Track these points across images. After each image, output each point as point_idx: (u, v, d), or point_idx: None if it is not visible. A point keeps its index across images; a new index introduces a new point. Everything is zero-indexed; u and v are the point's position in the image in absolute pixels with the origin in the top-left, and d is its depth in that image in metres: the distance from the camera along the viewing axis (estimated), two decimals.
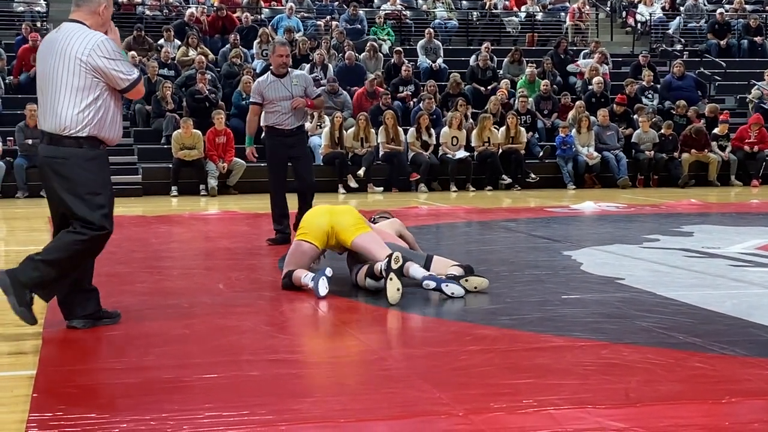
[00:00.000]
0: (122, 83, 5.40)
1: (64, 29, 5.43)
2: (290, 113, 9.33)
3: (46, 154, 5.40)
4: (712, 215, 13.16)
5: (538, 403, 4.06)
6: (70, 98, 5.31)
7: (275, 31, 21.27)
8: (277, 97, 9.30)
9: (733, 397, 4.18)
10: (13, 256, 9.55)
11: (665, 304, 6.35)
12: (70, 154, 5.33)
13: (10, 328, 5.78)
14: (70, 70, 5.29)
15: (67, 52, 5.30)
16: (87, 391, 4.34)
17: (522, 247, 9.58)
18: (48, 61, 5.38)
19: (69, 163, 5.32)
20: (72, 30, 5.39)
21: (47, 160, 5.39)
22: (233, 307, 6.26)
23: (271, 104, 9.33)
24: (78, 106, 5.31)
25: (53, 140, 5.36)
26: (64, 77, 5.31)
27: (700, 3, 24.97)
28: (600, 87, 19.71)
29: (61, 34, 5.41)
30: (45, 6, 21.82)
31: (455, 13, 23.94)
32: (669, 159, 18.38)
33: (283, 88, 9.31)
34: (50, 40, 5.46)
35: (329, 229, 6.75)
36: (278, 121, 9.35)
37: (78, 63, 5.28)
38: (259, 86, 9.44)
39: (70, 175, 5.32)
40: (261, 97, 9.38)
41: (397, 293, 6.26)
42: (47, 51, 5.41)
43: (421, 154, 17.31)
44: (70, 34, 5.37)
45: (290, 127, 9.38)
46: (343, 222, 6.76)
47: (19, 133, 16.25)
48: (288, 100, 9.29)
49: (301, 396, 4.22)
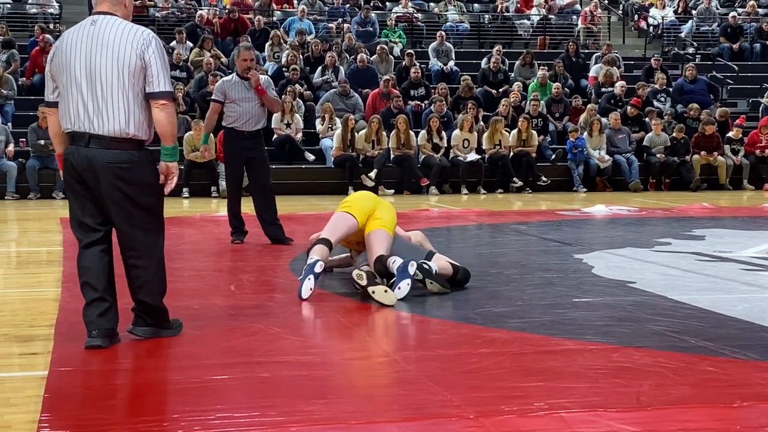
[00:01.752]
0: (159, 85, 5.02)
1: (103, 22, 5.05)
2: (250, 116, 9.47)
3: (108, 159, 5.01)
4: (724, 219, 13.12)
5: (549, 407, 4.06)
6: (130, 97, 5.01)
7: (287, 33, 21.30)
8: (240, 98, 9.44)
9: (745, 401, 4.17)
10: (25, 256, 9.59)
11: (677, 307, 6.34)
12: (136, 158, 5.07)
13: (22, 328, 5.80)
14: (121, 67, 4.96)
15: (119, 47, 4.97)
16: (98, 392, 4.35)
17: (533, 250, 9.57)
18: (94, 55, 4.99)
19: (134, 168, 5.05)
20: (114, 22, 5.05)
21: (108, 165, 5.01)
22: (244, 309, 6.26)
23: (233, 104, 9.46)
24: (138, 106, 5.04)
25: (114, 144, 5.02)
26: (119, 74, 4.98)
27: (713, 6, 24.90)
28: (623, 90, 19.68)
29: (101, 27, 5.03)
30: (58, 8, 21.89)
31: (467, 16, 23.92)
32: (681, 162, 18.34)
33: (245, 89, 9.46)
34: (87, 33, 5.04)
35: (371, 212, 6.89)
36: (238, 123, 9.48)
37: (131, 59, 4.96)
38: (224, 85, 9.59)
39: (135, 180, 5.05)
40: (224, 96, 9.52)
41: (388, 295, 6.33)
42: (89, 45, 5.00)
43: (432, 157, 17.30)
44: (114, 26, 5.03)
45: (249, 129, 9.52)
46: (379, 213, 6.90)
47: (31, 134, 16.30)
48: (250, 102, 9.45)
49: (312, 397, 4.22)
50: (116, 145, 5.03)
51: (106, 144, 5.02)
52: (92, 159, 5.03)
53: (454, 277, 6.89)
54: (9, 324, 5.95)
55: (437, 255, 7.09)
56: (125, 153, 5.03)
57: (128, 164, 5.03)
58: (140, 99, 5.05)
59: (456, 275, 6.93)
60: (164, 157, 5.16)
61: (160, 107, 5.05)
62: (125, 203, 5.07)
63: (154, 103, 5.05)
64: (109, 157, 5.02)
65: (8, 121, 17.18)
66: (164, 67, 5.06)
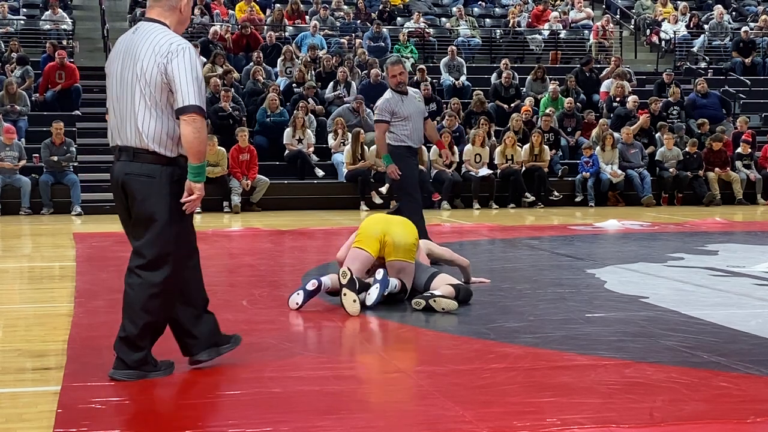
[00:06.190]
0: (184, 100, 4.71)
1: (141, 30, 4.88)
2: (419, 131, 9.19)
3: (128, 171, 4.82)
4: (737, 234, 13.09)
5: (562, 422, 4.05)
6: (156, 110, 4.76)
7: (299, 48, 21.35)
8: (410, 113, 9.06)
9: (759, 416, 4.15)
10: (38, 271, 9.62)
11: (690, 323, 6.32)
12: (157, 173, 4.80)
13: (35, 343, 5.81)
14: (153, 78, 4.73)
15: (151, 58, 4.74)
16: (111, 407, 4.36)
17: (545, 265, 9.55)
18: (125, 65, 4.82)
19: (154, 183, 4.79)
20: (151, 30, 4.83)
21: (126, 177, 4.83)
22: (256, 324, 6.27)
23: (405, 121, 9.06)
24: (166, 119, 4.78)
25: (138, 156, 4.80)
26: (147, 86, 4.75)
27: (725, 21, 24.88)
28: (635, 104, 19.67)
29: (138, 36, 4.86)
30: (71, 24, 21.99)
31: (478, 31, 23.95)
32: (694, 177, 18.30)
33: (412, 103, 9.11)
34: (126, 42, 4.90)
35: (381, 237, 6.86)
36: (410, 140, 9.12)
37: (159, 71, 4.71)
38: (389, 104, 9.07)
39: (154, 194, 4.79)
40: (391, 115, 9.06)
41: (355, 305, 6.51)
42: (124, 54, 4.85)
43: (443, 172, 17.31)
44: (148, 35, 4.81)
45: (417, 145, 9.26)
46: (396, 235, 6.87)
47: (44, 149, 16.37)
48: (419, 116, 9.15)
49: (324, 413, 4.22)
50: (139, 158, 4.81)
51: (130, 156, 4.84)
52: (118, 171, 4.89)
53: (456, 298, 6.87)
54: (22, 339, 5.96)
55: (439, 276, 7.06)
56: (145, 166, 4.80)
57: (146, 177, 4.80)
58: (166, 113, 4.78)
59: (457, 296, 6.90)
60: (189, 175, 4.83)
61: (183, 122, 4.73)
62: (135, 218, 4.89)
63: (180, 118, 4.75)
64: (129, 168, 4.84)
65: (21, 136, 17.26)
66: (192, 81, 4.72)
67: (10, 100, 17.87)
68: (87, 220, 15.03)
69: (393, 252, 6.85)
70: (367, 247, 6.87)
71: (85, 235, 12.38)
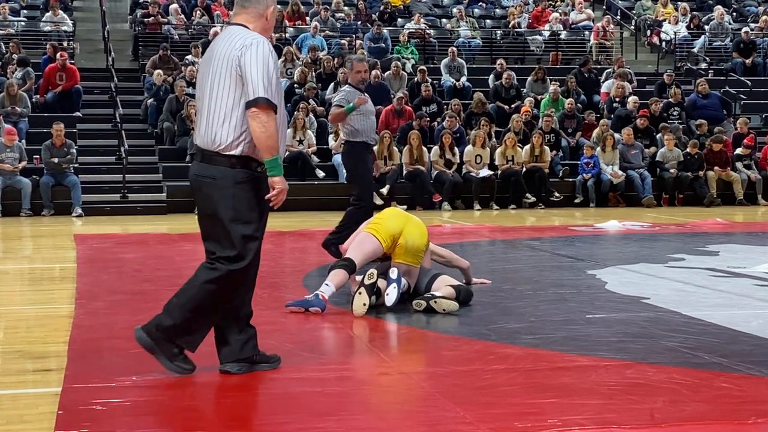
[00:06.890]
0: (252, 92, 4.68)
1: (225, 33, 4.93)
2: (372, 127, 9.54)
3: (195, 171, 4.88)
4: (738, 235, 13.09)
5: (563, 423, 4.05)
6: (224, 109, 4.76)
7: (299, 49, 21.36)
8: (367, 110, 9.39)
9: (760, 417, 4.15)
10: (39, 273, 9.62)
11: (691, 323, 6.32)
12: (220, 174, 4.77)
13: (36, 345, 5.82)
14: (225, 77, 4.74)
15: (225, 56, 4.76)
16: (112, 409, 4.36)
17: (546, 265, 9.55)
18: (207, 68, 4.87)
19: (217, 184, 4.77)
20: (232, 33, 4.86)
21: (196, 178, 4.86)
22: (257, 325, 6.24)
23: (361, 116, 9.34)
24: (232, 119, 4.75)
25: (205, 157, 4.83)
26: (218, 85, 4.77)
27: (725, 22, 24.87)
28: (635, 105, 19.68)
29: (219, 40, 4.91)
30: (72, 25, 21.99)
31: (479, 32, 23.95)
32: (694, 178, 18.29)
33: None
34: (212, 46, 4.94)
35: (398, 235, 6.84)
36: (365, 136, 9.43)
37: (233, 67, 4.72)
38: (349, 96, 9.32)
39: (216, 196, 4.77)
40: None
41: (364, 308, 6.49)
42: (207, 57, 4.89)
43: (444, 173, 17.31)
44: (229, 37, 4.83)
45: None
46: (410, 237, 6.86)
47: (45, 151, 16.38)
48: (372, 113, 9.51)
49: (326, 414, 4.22)
50: (208, 159, 4.82)
51: (201, 157, 4.87)
52: (190, 172, 4.95)
53: (456, 299, 6.87)
54: (23, 341, 5.97)
55: (440, 278, 7.06)
56: (212, 167, 4.79)
57: (210, 179, 4.79)
58: (238, 110, 4.76)
59: (458, 297, 6.90)
60: (267, 171, 4.79)
61: (250, 117, 4.69)
62: (201, 219, 4.93)
63: (248, 112, 4.71)
64: (197, 169, 4.87)
65: (22, 138, 17.27)
66: (262, 73, 4.68)
67: (10, 101, 17.87)
68: (87, 222, 15.04)
69: (402, 254, 6.85)
70: (381, 239, 6.85)
71: (85, 236, 12.39)
